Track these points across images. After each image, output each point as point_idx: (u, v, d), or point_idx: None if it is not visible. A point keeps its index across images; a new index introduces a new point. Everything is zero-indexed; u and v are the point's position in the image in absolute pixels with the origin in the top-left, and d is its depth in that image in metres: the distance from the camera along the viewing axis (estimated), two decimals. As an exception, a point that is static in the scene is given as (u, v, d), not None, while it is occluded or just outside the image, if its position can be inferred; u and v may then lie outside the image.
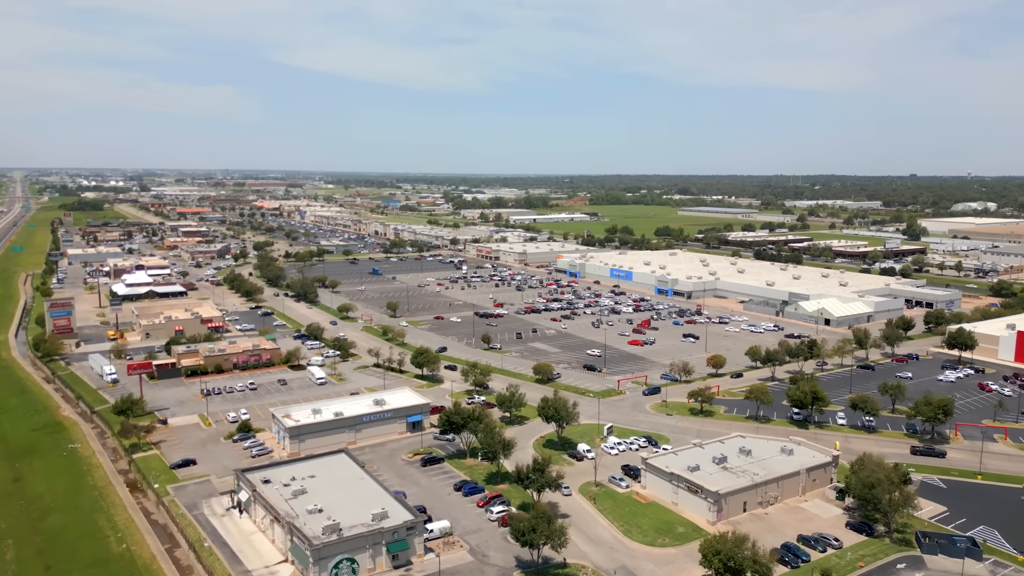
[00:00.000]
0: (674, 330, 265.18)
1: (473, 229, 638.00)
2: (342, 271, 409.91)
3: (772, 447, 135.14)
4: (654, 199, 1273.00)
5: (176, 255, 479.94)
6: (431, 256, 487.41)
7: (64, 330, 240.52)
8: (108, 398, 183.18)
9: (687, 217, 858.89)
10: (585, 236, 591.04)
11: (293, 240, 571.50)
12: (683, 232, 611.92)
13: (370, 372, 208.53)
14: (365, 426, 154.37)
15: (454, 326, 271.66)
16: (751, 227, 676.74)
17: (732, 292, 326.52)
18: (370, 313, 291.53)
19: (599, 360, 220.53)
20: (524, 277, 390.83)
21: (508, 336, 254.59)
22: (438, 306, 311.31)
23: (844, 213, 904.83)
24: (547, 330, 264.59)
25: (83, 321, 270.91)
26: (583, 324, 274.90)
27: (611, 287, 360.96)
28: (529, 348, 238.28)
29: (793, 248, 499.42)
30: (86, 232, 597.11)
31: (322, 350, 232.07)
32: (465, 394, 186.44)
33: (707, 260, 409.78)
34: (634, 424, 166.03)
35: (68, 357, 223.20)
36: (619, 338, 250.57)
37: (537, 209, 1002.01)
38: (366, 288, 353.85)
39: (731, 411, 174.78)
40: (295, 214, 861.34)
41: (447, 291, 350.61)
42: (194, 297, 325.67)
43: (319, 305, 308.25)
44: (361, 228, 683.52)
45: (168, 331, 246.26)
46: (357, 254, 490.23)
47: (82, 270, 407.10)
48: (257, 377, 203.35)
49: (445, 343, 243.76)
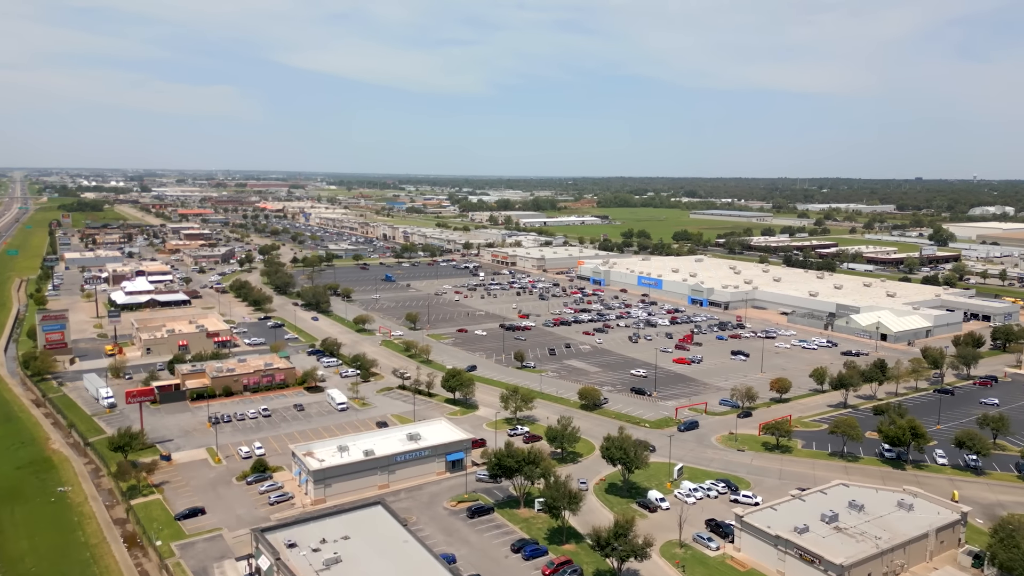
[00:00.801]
0: (719, 346, 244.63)
1: (484, 232, 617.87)
2: (353, 277, 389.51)
3: (887, 500, 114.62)
4: (662, 202, 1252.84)
5: (178, 259, 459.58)
6: (444, 261, 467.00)
7: (57, 345, 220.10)
8: (104, 427, 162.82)
9: (700, 221, 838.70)
10: (601, 240, 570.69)
11: (299, 244, 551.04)
12: (702, 237, 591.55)
13: (395, 395, 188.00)
14: (399, 466, 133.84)
15: (479, 340, 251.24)
16: (770, 231, 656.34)
17: (772, 303, 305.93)
18: (388, 325, 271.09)
19: (646, 382, 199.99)
20: (546, 285, 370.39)
21: (540, 352, 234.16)
22: (459, 317, 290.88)
23: (861, 217, 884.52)
24: (581, 345, 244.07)
25: (79, 333, 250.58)
26: (619, 338, 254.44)
27: (640, 296, 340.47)
28: (565, 367, 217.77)
29: (821, 254, 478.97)
30: (85, 234, 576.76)
31: (340, 368, 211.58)
32: (504, 423, 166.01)
33: (737, 267, 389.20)
34: (703, 462, 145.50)
35: (61, 376, 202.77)
36: (661, 355, 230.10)
37: (546, 212, 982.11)
38: (380, 296, 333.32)
39: (809, 445, 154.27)
40: (299, 216, 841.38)
41: (466, 300, 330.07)
42: (198, 306, 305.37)
43: (332, 315, 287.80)
44: (368, 231, 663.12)
45: (171, 346, 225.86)
46: (367, 259, 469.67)
47: (79, 275, 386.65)
48: (270, 401, 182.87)
49: (472, 360, 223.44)
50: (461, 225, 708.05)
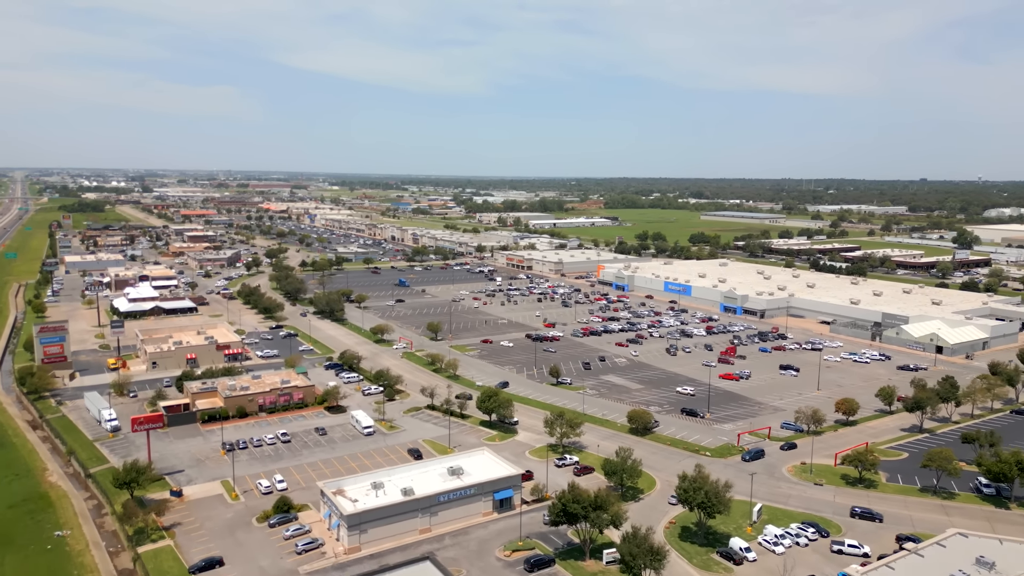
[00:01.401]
0: (764, 359, 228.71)
1: (494, 235, 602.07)
2: (365, 282, 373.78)
3: (1018, 555, 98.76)
4: (670, 203, 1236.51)
5: (182, 262, 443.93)
6: (457, 265, 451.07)
7: (56, 359, 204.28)
8: (107, 454, 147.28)
9: (712, 222, 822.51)
10: (617, 243, 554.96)
11: (307, 246, 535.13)
12: (719, 239, 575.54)
13: (425, 416, 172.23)
14: (442, 507, 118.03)
15: (506, 352, 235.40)
16: (788, 233, 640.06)
17: (810, 311, 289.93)
18: (408, 335, 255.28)
19: (695, 401, 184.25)
20: (567, 290, 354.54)
21: (573, 366, 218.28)
22: (481, 326, 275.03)
23: (876, 219, 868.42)
24: (616, 358, 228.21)
25: (79, 343, 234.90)
26: (655, 350, 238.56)
27: (667, 303, 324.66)
28: (603, 383, 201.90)
29: (847, 258, 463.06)
30: (86, 236, 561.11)
31: (361, 385, 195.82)
32: (549, 451, 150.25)
33: (764, 272, 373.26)
34: (779, 499, 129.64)
35: (60, 393, 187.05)
36: (704, 369, 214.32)
37: (554, 213, 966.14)
38: (395, 303, 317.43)
39: (893, 478, 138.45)
40: (304, 217, 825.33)
41: (485, 307, 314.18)
42: (205, 313, 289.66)
43: (347, 324, 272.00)
44: (376, 233, 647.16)
45: (178, 360, 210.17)
46: (378, 262, 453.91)
47: (80, 280, 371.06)
48: (289, 424, 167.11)
49: (502, 375, 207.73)
50: (471, 227, 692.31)
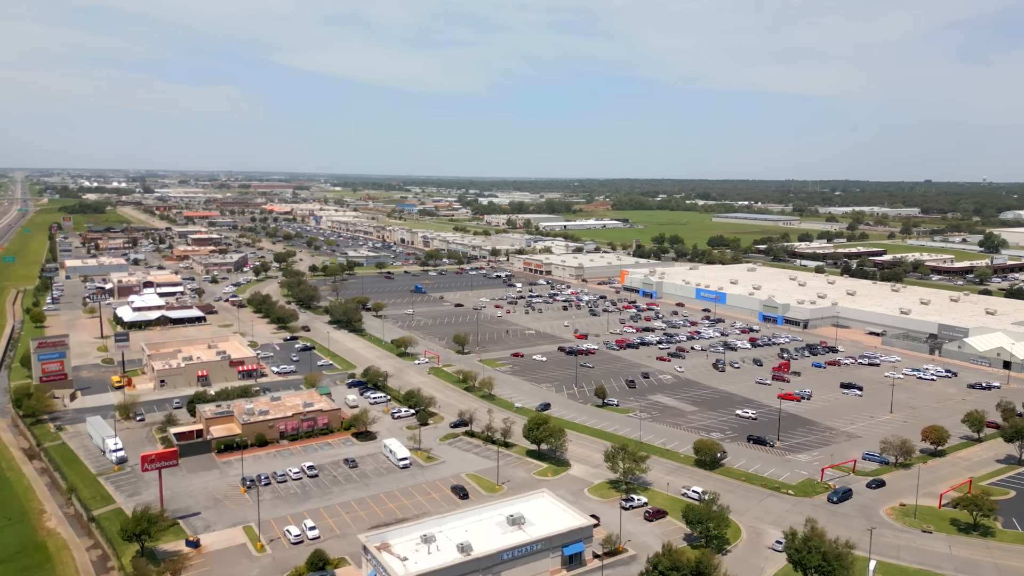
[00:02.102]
0: (820, 376, 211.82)
1: (506, 237, 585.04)
2: (379, 288, 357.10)
3: None
4: (678, 204, 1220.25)
5: (187, 267, 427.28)
6: (473, 270, 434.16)
7: (55, 377, 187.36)
8: (113, 492, 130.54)
9: (726, 225, 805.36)
10: (634, 247, 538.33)
11: (315, 249, 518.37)
12: (739, 242, 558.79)
13: (464, 445, 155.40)
14: (505, 566, 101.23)
15: (540, 368, 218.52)
16: (808, 237, 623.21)
17: (857, 321, 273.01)
18: (432, 347, 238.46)
19: (760, 426, 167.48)
20: (592, 297, 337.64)
21: (616, 384, 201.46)
22: (508, 337, 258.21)
23: (892, 221, 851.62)
24: (660, 374, 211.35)
25: (80, 357, 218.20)
26: (700, 365, 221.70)
27: (700, 311, 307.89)
28: (652, 404, 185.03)
29: (876, 263, 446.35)
30: (86, 238, 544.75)
31: (389, 406, 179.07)
32: (610, 488, 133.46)
33: (799, 278, 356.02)
34: (889, 552, 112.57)
35: (60, 417, 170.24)
36: (759, 388, 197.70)
37: (563, 215, 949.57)
38: (414, 311, 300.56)
39: (1009, 523, 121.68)
40: (310, 219, 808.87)
41: (509, 316, 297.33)
42: (213, 323, 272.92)
43: (366, 336, 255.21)
44: (385, 235, 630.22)
45: (189, 377, 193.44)
46: (391, 267, 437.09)
47: (81, 286, 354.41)
48: (314, 454, 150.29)
49: (540, 394, 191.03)
50: (481, 229, 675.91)
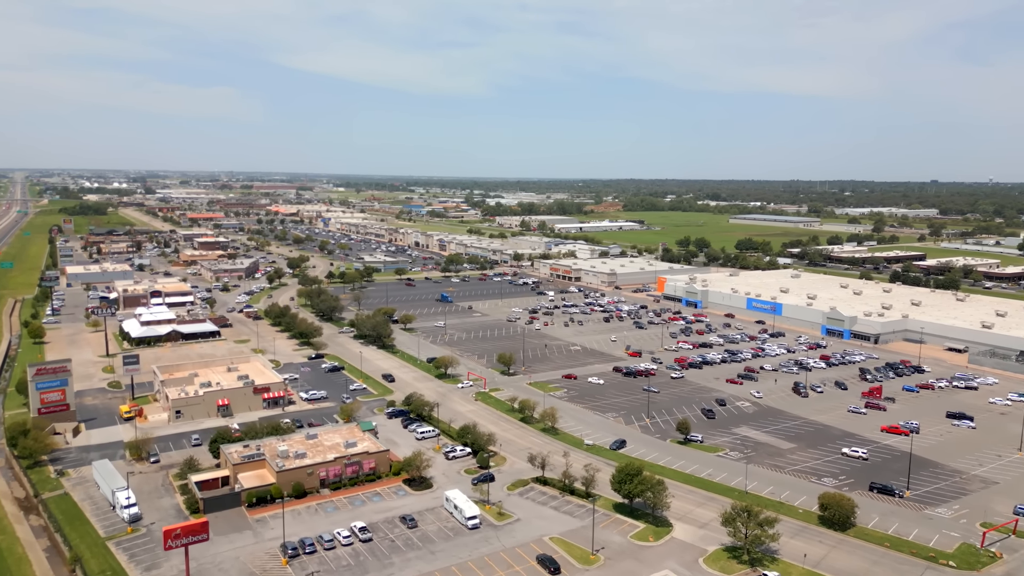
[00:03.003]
0: (918, 403, 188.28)
1: (525, 241, 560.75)
2: (401, 297, 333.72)
3: None
4: (690, 205, 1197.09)
5: (195, 273, 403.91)
6: (496, 276, 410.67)
7: (56, 407, 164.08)
8: (125, 562, 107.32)
9: (745, 226, 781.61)
10: (661, 250, 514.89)
11: (328, 254, 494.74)
12: (770, 245, 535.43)
13: (538, 496, 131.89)
14: None
15: (599, 392, 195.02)
16: (837, 239, 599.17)
17: (934, 336, 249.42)
18: (472, 366, 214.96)
19: (877, 470, 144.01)
20: (633, 308, 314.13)
21: (691, 413, 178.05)
22: (553, 354, 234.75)
23: (916, 223, 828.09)
24: (737, 400, 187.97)
25: (84, 380, 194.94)
26: (777, 389, 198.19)
27: (753, 323, 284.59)
28: (740, 439, 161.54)
29: (921, 268, 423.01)
30: (88, 242, 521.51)
31: (439, 442, 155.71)
32: (730, 558, 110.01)
33: (851, 285, 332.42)
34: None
35: (62, 458, 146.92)
36: (852, 418, 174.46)
37: (575, 216, 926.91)
38: (445, 324, 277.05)
39: None
40: (317, 221, 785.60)
41: (548, 329, 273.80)
42: (229, 338, 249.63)
43: (398, 353, 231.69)
44: (398, 239, 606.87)
45: (208, 407, 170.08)
46: (411, 273, 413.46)
47: (84, 294, 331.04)
48: (362, 508, 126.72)
49: (608, 427, 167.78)
50: (497, 232, 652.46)
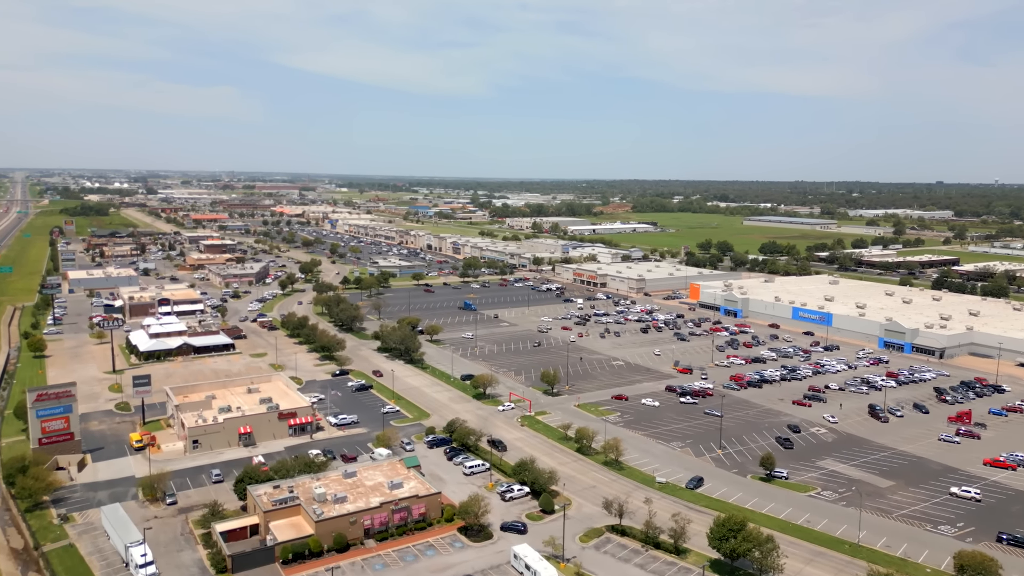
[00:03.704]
0: (1011, 429, 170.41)
1: (539, 243, 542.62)
2: (420, 304, 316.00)
3: None
4: (700, 206, 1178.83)
5: (203, 278, 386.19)
6: (517, 281, 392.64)
7: (59, 437, 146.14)
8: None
9: (760, 228, 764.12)
10: (684, 254, 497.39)
11: (340, 257, 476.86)
12: (795, 249, 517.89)
13: (617, 549, 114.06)
14: None
15: (656, 416, 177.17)
16: (862, 243, 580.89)
17: (1004, 350, 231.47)
18: (513, 385, 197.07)
19: (995, 513, 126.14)
20: (670, 317, 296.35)
21: (763, 441, 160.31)
22: (597, 371, 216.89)
23: (938, 225, 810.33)
24: (812, 427, 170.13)
25: (89, 400, 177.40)
26: (851, 412, 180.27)
27: (801, 334, 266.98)
28: (828, 475, 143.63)
29: (961, 273, 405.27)
30: (90, 244, 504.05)
31: (491, 477, 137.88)
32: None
33: (897, 293, 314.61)
34: None
35: (66, 498, 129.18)
36: (945, 448, 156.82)
37: (585, 217, 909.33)
38: (474, 335, 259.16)
39: None
40: (324, 223, 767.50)
41: (583, 341, 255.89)
42: (244, 351, 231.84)
43: (429, 369, 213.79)
44: (409, 241, 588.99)
45: (228, 435, 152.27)
46: (428, 278, 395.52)
47: (87, 301, 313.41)
48: (416, 565, 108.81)
49: (678, 460, 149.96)
50: (510, 234, 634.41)
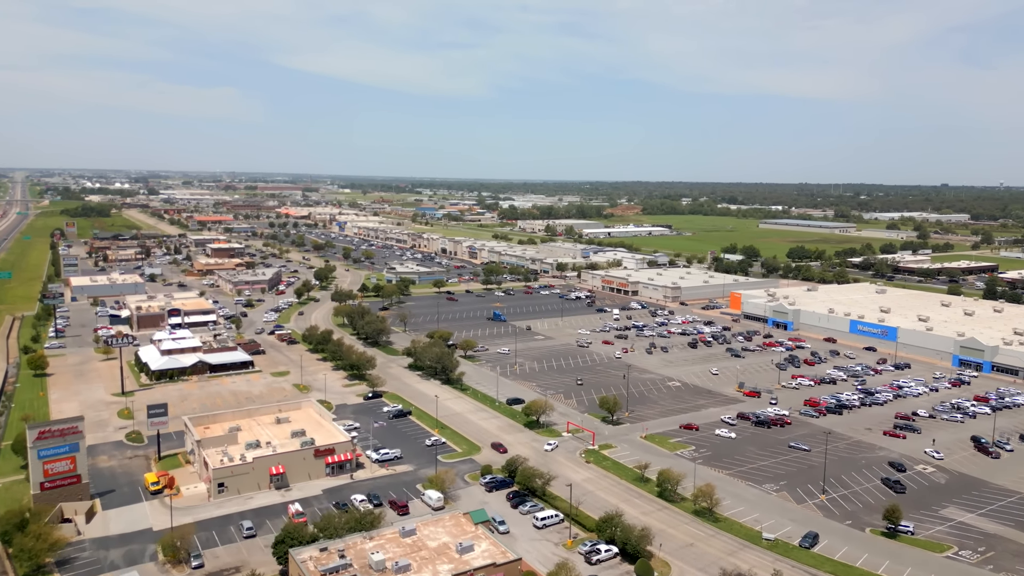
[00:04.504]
0: None
1: (555, 247, 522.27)
2: (446, 314, 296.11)
3: None
4: (711, 208, 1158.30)
5: (212, 284, 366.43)
6: (543, 288, 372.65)
7: (64, 480, 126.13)
8: None
9: (776, 232, 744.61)
10: (710, 259, 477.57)
11: (354, 263, 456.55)
12: (826, 255, 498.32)
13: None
14: None
15: (735, 450, 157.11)
16: (891, 248, 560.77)
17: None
18: (567, 411, 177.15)
19: None
20: (715, 330, 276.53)
21: (867, 483, 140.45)
22: (651, 392, 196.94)
23: (961, 229, 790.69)
24: (917, 465, 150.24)
25: (97, 430, 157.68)
26: (952, 445, 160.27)
27: (862, 349, 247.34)
28: (960, 528, 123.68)
29: (1008, 281, 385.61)
30: (93, 247, 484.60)
31: (568, 532, 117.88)
32: None
33: (954, 303, 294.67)
34: None
35: (73, 560, 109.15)
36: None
37: (596, 219, 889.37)
38: (511, 351, 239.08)
39: None
40: (332, 225, 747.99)
41: (630, 357, 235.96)
42: (264, 368, 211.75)
43: (469, 391, 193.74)
44: (422, 244, 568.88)
45: (258, 477, 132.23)
46: (450, 285, 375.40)
47: (91, 311, 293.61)
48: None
49: (776, 507, 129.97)
50: (526, 237, 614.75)
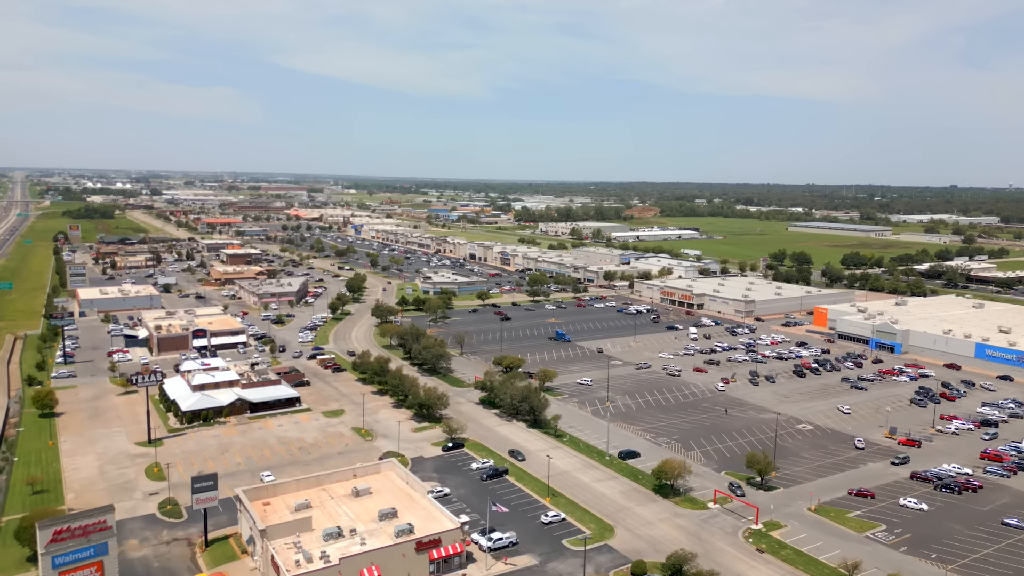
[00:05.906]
0: None
1: (591, 253, 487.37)
2: (499, 332, 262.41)
3: None
4: (730, 210, 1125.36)
5: (232, 295, 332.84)
6: (595, 301, 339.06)
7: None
8: None
9: (808, 235, 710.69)
10: (763, 267, 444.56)
11: (382, 270, 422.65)
12: (883, 260, 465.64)
13: None
14: None
15: (939, 531, 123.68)
16: (946, 254, 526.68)
17: None
18: (697, 468, 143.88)
19: None
20: (815, 352, 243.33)
21: None
22: (786, 440, 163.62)
23: (1002, 233, 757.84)
24: None
25: (120, 495, 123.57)
26: None
27: (995, 378, 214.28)
28: None
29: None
30: (99, 253, 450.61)
31: None
32: None
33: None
34: None
35: None
36: None
37: (619, 222, 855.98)
38: (593, 382, 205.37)
39: None
40: (347, 228, 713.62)
41: (734, 389, 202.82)
42: (314, 406, 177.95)
43: (566, 438, 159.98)
44: (447, 250, 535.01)
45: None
46: (493, 296, 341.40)
47: (102, 328, 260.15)
48: None
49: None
50: (556, 242, 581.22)
